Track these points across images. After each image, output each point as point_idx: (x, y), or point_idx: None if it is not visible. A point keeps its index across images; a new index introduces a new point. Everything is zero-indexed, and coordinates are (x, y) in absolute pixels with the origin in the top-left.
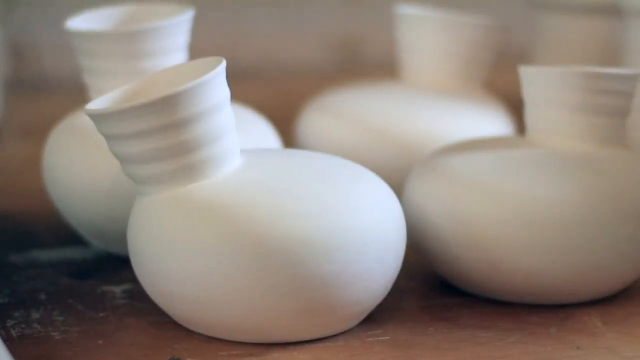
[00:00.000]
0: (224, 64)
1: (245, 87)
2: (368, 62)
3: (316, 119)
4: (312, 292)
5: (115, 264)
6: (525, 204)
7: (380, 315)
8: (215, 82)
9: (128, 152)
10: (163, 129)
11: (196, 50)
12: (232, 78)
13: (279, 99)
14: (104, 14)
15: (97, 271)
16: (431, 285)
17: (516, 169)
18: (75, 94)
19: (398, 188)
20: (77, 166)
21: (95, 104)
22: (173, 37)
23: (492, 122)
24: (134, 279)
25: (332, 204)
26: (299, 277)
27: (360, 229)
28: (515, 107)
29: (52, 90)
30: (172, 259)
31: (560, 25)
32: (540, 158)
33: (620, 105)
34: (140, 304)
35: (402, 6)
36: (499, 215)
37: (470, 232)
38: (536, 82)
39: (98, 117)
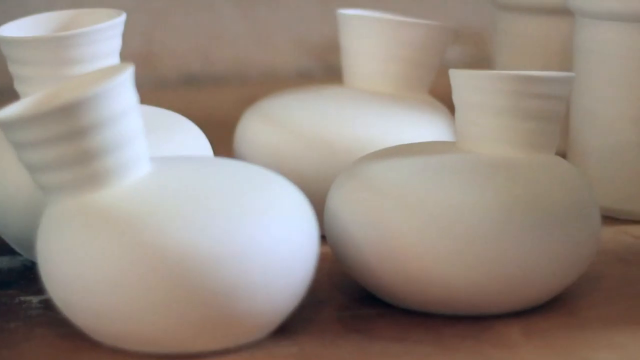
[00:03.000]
0: (129, 71)
1: (218, 93)
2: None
3: (252, 125)
4: (214, 303)
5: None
6: (442, 212)
7: (294, 326)
8: (118, 90)
9: (32, 160)
10: (64, 137)
11: (169, 54)
12: (205, 83)
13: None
14: (40, 20)
15: (20, 281)
16: (352, 295)
17: (438, 175)
18: None
19: None
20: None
21: (3, 112)
22: (101, 42)
23: (434, 128)
24: None
25: (234, 214)
26: (199, 288)
27: (262, 239)
28: None
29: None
30: (73, 268)
31: (522, 27)
32: (465, 164)
33: (551, 110)
34: (54, 314)
35: (342, 8)
36: (415, 223)
37: (387, 242)
38: (464, 85)
39: (1, 126)
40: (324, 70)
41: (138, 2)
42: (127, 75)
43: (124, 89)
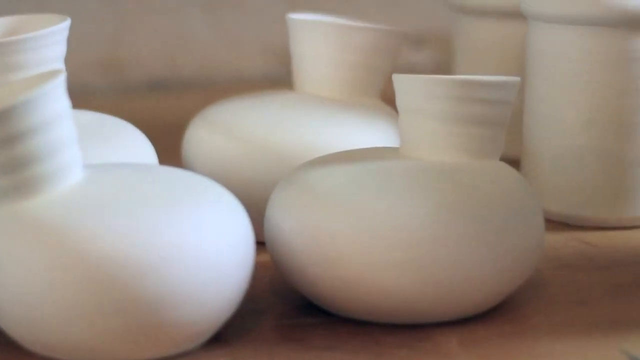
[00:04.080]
0: (61, 77)
1: (185, 97)
2: None
3: (198, 132)
4: (145, 312)
5: None
6: (381, 219)
7: (230, 335)
8: (50, 96)
9: None
10: None
11: (135, 59)
12: (172, 88)
13: None
14: None
15: None
16: (293, 304)
17: (378, 182)
18: None
19: None
20: None
21: None
22: (45, 48)
23: (384, 134)
24: None
25: (163, 222)
26: (129, 297)
27: (191, 247)
28: None
29: None
30: (3, 277)
31: (481, 31)
32: (406, 170)
33: (495, 115)
34: None
35: (292, 13)
36: (354, 230)
37: (324, 249)
38: (407, 90)
39: None
40: (291, 74)
41: (104, 6)
42: (59, 82)
43: (55, 95)
